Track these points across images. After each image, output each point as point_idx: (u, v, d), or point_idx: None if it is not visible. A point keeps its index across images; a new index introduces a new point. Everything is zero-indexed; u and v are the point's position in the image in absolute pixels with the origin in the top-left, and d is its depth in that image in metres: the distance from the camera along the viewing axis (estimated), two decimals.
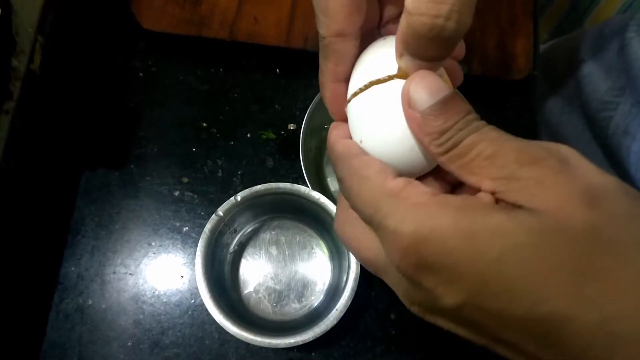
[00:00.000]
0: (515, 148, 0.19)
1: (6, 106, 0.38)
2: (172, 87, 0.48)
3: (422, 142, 0.21)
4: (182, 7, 0.47)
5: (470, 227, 0.18)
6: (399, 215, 0.19)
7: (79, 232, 0.45)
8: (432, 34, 0.19)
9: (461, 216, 0.18)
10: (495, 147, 0.19)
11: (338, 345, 0.43)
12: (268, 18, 0.47)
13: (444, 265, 0.18)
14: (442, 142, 0.20)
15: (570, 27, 0.95)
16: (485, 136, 0.19)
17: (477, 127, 0.20)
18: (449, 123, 0.20)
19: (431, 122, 0.20)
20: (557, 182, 0.18)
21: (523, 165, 0.18)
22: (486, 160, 0.19)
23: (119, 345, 0.42)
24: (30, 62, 0.39)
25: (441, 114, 0.20)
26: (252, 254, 0.44)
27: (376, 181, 0.21)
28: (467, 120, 0.20)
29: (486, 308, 0.18)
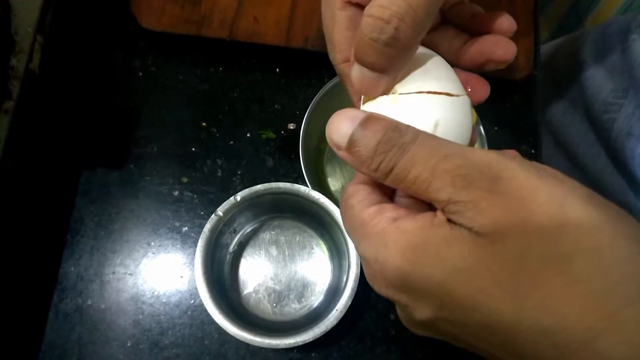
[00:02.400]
0: (448, 169, 0.19)
1: (5, 106, 0.37)
2: (171, 87, 0.48)
3: (363, 173, 0.22)
4: (181, 6, 0.47)
5: (415, 253, 0.20)
6: (364, 243, 0.21)
7: (78, 232, 0.44)
8: (372, 34, 0.21)
9: (409, 243, 0.20)
10: (429, 171, 0.20)
11: (338, 346, 0.43)
12: (268, 18, 0.47)
13: (407, 287, 0.20)
14: (375, 169, 0.21)
15: (571, 26, 0.95)
16: (417, 158, 0.20)
17: (404, 148, 0.20)
18: (370, 152, 0.21)
19: (354, 153, 0.21)
20: (489, 205, 0.18)
21: (458, 189, 0.19)
22: (424, 184, 0.20)
23: (118, 346, 0.42)
24: (29, 62, 0.39)
25: (358, 146, 0.21)
26: (252, 254, 0.44)
27: (356, 210, 0.22)
28: (385, 141, 0.20)
29: (451, 320, 0.20)
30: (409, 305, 0.21)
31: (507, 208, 0.18)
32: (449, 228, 0.19)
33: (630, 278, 0.17)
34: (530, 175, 0.19)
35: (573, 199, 0.18)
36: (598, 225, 0.18)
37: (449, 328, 0.21)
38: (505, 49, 0.25)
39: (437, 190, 0.19)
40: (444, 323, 0.20)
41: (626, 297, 0.17)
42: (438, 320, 0.20)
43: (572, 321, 0.17)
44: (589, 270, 0.17)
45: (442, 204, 0.20)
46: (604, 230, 0.18)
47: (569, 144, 0.62)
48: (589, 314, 0.17)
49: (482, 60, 0.25)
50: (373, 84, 0.23)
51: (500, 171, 0.19)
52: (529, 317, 0.18)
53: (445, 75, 0.24)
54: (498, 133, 0.48)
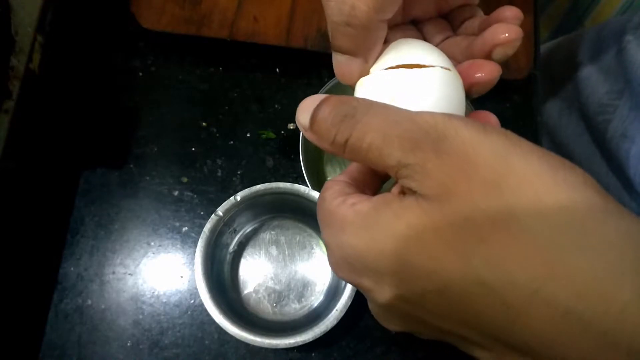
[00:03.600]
0: (397, 134, 0.20)
1: (5, 105, 0.37)
2: (171, 87, 0.48)
3: (327, 150, 0.23)
4: (181, 6, 0.47)
5: (369, 232, 0.20)
6: (327, 231, 0.22)
7: (78, 232, 0.44)
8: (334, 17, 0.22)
9: (364, 223, 0.20)
10: (380, 138, 0.20)
11: (338, 346, 0.43)
12: (268, 17, 0.47)
13: (366, 268, 0.20)
14: (332, 141, 0.21)
15: (571, 26, 0.95)
16: (369, 126, 0.20)
17: (357, 119, 0.21)
18: (327, 125, 0.21)
19: (315, 130, 0.22)
20: (435, 166, 0.19)
21: (406, 151, 0.19)
22: (377, 151, 0.20)
23: (118, 346, 0.42)
24: (29, 62, 0.39)
25: (317, 123, 0.22)
26: (252, 254, 0.44)
27: (327, 202, 0.23)
28: (340, 114, 0.21)
29: (410, 298, 0.20)
30: (372, 289, 0.21)
31: (452, 167, 0.18)
32: (398, 201, 0.20)
33: (571, 225, 0.17)
34: (474, 131, 0.19)
35: (515, 150, 0.18)
36: (539, 173, 0.18)
37: (410, 309, 0.20)
38: (507, 31, 0.25)
39: (388, 155, 0.20)
40: (405, 304, 0.20)
41: (568, 244, 0.17)
42: (399, 300, 0.20)
43: (516, 274, 0.17)
44: (530, 220, 0.17)
45: (393, 169, 0.20)
46: (545, 177, 0.18)
47: (565, 144, 0.62)
48: (531, 264, 0.17)
49: (488, 48, 0.25)
50: (346, 67, 0.24)
51: (446, 130, 0.19)
52: (476, 277, 0.18)
53: (424, 52, 0.24)
54: None
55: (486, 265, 0.17)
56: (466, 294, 0.18)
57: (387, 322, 0.23)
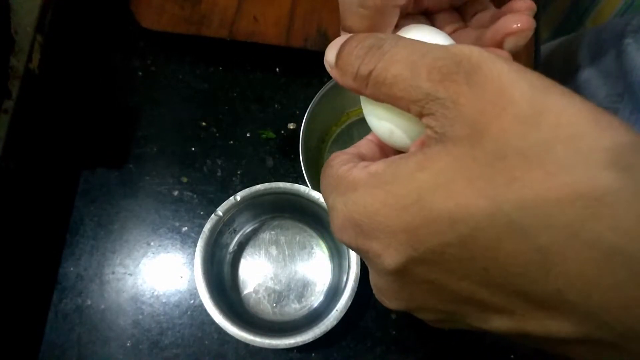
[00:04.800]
0: (427, 63, 0.18)
1: (5, 105, 0.37)
2: (171, 87, 0.48)
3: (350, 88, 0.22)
4: (181, 6, 0.47)
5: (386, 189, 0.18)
6: (335, 193, 0.21)
7: (78, 232, 0.44)
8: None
9: (379, 181, 0.19)
10: (408, 68, 0.18)
11: (338, 346, 0.43)
12: (268, 17, 0.47)
13: (378, 228, 0.19)
14: (355, 74, 0.20)
15: (571, 27, 0.95)
16: (397, 57, 0.19)
17: (384, 50, 0.19)
18: (351, 58, 0.21)
19: (340, 65, 0.21)
20: (468, 101, 0.17)
21: (435, 83, 0.18)
22: (404, 83, 0.19)
23: (118, 346, 0.42)
24: (28, 61, 0.39)
25: (342, 57, 0.21)
26: (252, 254, 0.44)
27: (334, 168, 0.22)
28: (366, 45, 0.20)
29: (428, 259, 0.18)
30: (381, 253, 0.19)
31: (486, 101, 0.17)
32: (421, 154, 0.18)
33: (613, 164, 0.15)
34: (513, 66, 0.17)
35: (556, 89, 0.17)
36: (581, 113, 0.16)
37: (424, 272, 0.18)
38: (519, 21, 0.24)
39: (415, 88, 0.18)
40: (419, 266, 0.18)
41: (611, 183, 0.15)
42: (412, 262, 0.18)
43: (554, 215, 0.15)
44: (570, 158, 0.16)
45: (419, 105, 0.18)
46: (587, 118, 0.16)
47: None
48: (571, 203, 0.15)
49: (499, 37, 0.25)
50: None
51: (481, 61, 0.18)
52: (507, 222, 0.16)
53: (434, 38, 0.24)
54: None
55: (519, 208, 0.16)
56: (494, 242, 0.16)
57: (390, 297, 0.21)
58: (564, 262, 0.15)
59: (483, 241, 0.16)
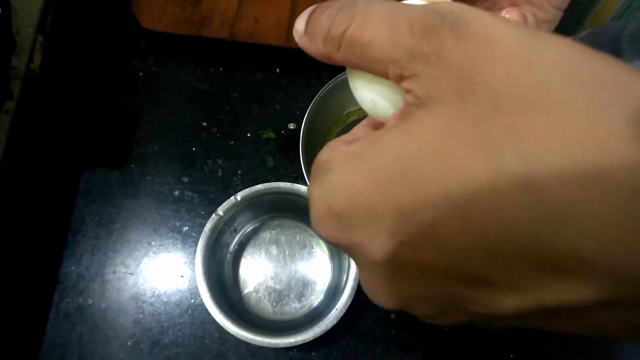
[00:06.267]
0: (408, 19, 0.16)
1: (6, 106, 0.38)
2: (172, 87, 0.49)
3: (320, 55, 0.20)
4: (182, 6, 0.47)
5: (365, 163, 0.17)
6: (312, 182, 0.18)
7: (79, 232, 0.45)
8: None
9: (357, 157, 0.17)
10: (387, 24, 0.17)
11: (338, 345, 0.43)
12: (268, 18, 0.47)
13: (358, 214, 0.16)
14: (326, 36, 0.18)
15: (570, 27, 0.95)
16: (373, 13, 0.17)
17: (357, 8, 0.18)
18: (322, 21, 0.18)
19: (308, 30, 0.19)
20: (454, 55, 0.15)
21: (418, 37, 0.16)
22: (382, 42, 0.17)
23: (119, 345, 0.42)
24: (30, 62, 0.39)
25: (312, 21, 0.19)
26: (252, 253, 0.44)
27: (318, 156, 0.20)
28: (338, 6, 0.18)
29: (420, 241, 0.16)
30: (365, 245, 0.17)
31: (474, 53, 0.15)
32: (405, 121, 0.16)
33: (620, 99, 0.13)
34: (497, 18, 0.16)
35: (544, 34, 0.15)
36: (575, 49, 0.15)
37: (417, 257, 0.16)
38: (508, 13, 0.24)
39: (395, 45, 0.16)
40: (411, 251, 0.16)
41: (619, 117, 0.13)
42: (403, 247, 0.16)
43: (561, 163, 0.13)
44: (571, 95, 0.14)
45: (400, 65, 0.16)
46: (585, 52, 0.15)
47: None
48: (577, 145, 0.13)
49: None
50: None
51: (464, 15, 0.16)
52: (510, 178, 0.14)
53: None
54: None
55: (521, 160, 0.14)
56: (497, 204, 0.14)
57: (383, 292, 0.18)
58: (580, 214, 0.13)
59: (484, 206, 0.14)
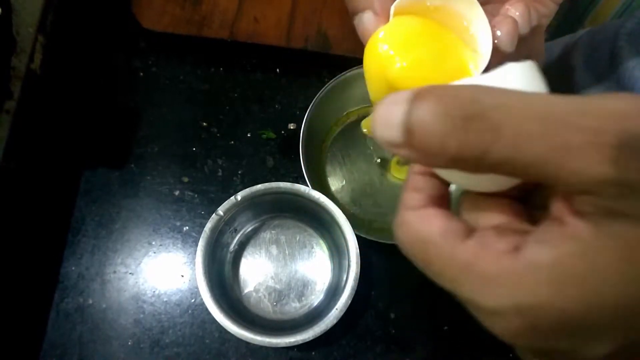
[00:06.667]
0: (589, 140, 0.13)
1: (7, 106, 0.38)
2: (172, 87, 0.49)
3: (432, 166, 0.16)
4: (182, 7, 0.47)
5: (578, 286, 0.15)
6: (484, 292, 0.16)
7: (80, 232, 0.45)
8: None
9: (560, 276, 0.15)
10: (560, 146, 0.13)
11: (338, 345, 0.43)
12: (268, 18, 0.47)
13: (576, 327, 0.15)
14: (454, 157, 0.15)
15: (569, 27, 0.95)
16: (524, 130, 0.14)
17: (492, 120, 0.14)
18: (438, 133, 0.15)
19: (417, 146, 0.15)
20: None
21: (616, 163, 0.13)
22: (555, 166, 0.14)
23: (119, 345, 0.42)
24: (30, 62, 0.39)
25: (414, 132, 0.15)
26: (253, 253, 0.44)
27: (444, 249, 0.17)
28: (458, 116, 0.14)
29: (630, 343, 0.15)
30: (576, 349, 0.16)
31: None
32: (606, 237, 0.14)
33: None
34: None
35: None
36: None
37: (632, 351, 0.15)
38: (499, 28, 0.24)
39: (579, 172, 0.13)
40: (628, 349, 0.15)
41: None
42: (623, 348, 0.15)
43: None
44: None
45: (591, 186, 0.14)
46: None
47: None
48: None
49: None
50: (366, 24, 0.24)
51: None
52: None
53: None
54: None
55: None
56: None
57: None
58: None
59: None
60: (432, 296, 0.44)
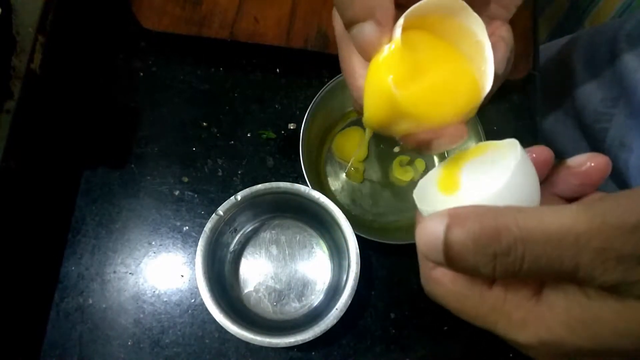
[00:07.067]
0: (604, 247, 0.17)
1: (7, 105, 0.38)
2: (172, 87, 0.49)
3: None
4: (182, 7, 0.47)
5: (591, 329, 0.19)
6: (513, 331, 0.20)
7: (80, 232, 0.45)
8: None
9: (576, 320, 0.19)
10: (588, 260, 0.18)
11: (338, 345, 0.43)
12: (268, 18, 0.47)
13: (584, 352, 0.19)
14: (492, 273, 0.19)
15: (569, 27, 0.95)
16: (554, 246, 0.18)
17: (518, 253, 0.18)
18: (475, 260, 0.19)
19: (455, 265, 0.19)
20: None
21: (628, 269, 0.17)
22: (584, 274, 0.18)
23: (119, 345, 0.42)
24: (30, 62, 0.39)
25: (455, 256, 0.19)
26: (252, 253, 0.44)
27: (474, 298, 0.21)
28: (489, 253, 0.18)
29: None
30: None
31: None
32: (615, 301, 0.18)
33: None
34: None
35: None
36: None
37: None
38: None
39: (599, 277, 0.18)
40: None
41: None
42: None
43: None
44: None
45: (602, 284, 0.18)
46: None
47: (562, 151, 0.61)
48: None
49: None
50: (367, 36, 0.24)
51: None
52: None
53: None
54: (498, 133, 0.48)
55: None
56: None
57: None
58: None
59: None
60: None
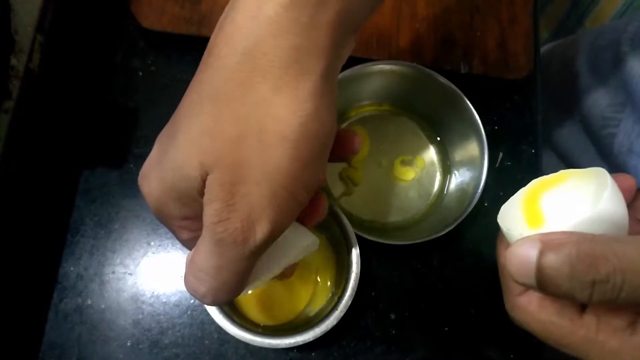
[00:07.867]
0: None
1: (5, 105, 0.37)
2: (171, 86, 0.48)
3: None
4: (181, 6, 0.47)
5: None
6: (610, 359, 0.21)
7: (78, 232, 0.44)
8: None
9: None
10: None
11: (338, 345, 0.43)
12: None
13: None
14: (587, 300, 0.19)
15: (571, 27, 0.95)
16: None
17: (616, 283, 0.18)
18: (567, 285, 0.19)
19: (548, 290, 0.20)
20: None
21: None
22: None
23: (118, 345, 0.42)
24: (29, 61, 0.39)
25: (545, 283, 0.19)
26: None
27: (565, 327, 0.21)
28: (584, 281, 0.18)
29: None
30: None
31: None
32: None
33: None
34: None
35: None
36: None
37: None
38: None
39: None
40: None
41: None
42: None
43: None
44: None
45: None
46: None
47: (569, 157, 0.60)
48: None
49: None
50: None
51: None
52: None
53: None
54: (498, 133, 0.48)
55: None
56: None
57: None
58: None
59: None
60: (432, 297, 0.43)
